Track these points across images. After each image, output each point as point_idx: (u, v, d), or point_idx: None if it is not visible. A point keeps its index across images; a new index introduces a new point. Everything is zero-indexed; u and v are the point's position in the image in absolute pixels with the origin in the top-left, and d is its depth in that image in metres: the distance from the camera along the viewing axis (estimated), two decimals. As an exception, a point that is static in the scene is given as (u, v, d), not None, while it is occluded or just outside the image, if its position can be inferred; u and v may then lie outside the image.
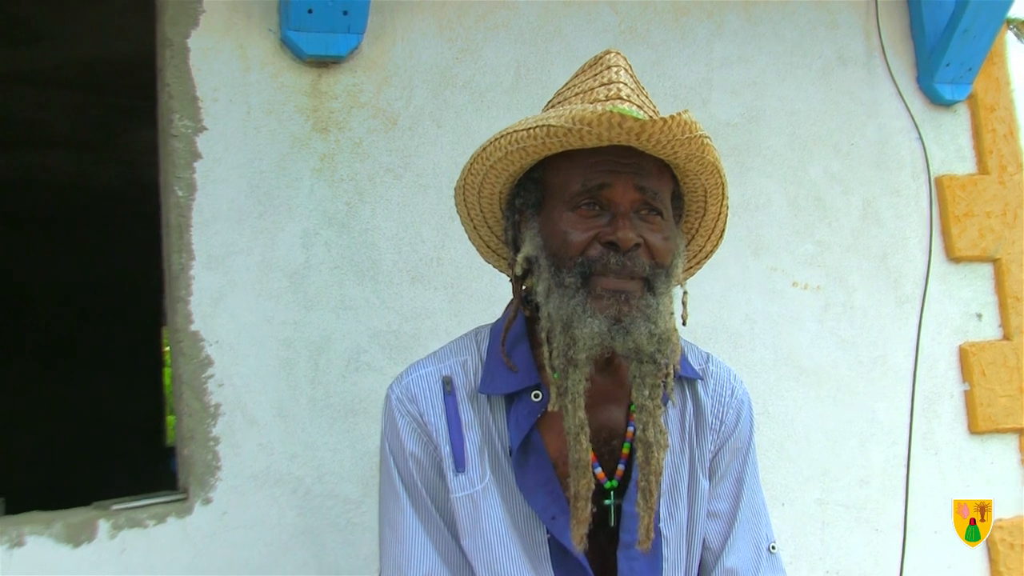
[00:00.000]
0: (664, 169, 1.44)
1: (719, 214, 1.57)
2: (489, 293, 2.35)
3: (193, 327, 2.11)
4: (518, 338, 1.52)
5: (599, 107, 1.30)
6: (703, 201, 1.55)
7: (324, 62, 2.28)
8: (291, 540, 2.13)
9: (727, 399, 1.64)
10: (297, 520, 2.14)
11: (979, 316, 3.04)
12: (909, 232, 2.95)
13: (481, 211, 1.59)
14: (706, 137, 1.36)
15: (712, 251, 1.65)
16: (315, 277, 2.23)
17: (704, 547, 1.62)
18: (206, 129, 2.16)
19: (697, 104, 2.67)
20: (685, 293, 1.53)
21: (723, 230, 1.61)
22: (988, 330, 3.06)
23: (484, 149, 1.46)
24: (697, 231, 1.61)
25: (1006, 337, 3.09)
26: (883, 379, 2.86)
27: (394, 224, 2.32)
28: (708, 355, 1.70)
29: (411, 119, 2.37)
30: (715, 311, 2.64)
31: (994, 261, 3.09)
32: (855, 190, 2.88)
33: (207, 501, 2.08)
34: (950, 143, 3.07)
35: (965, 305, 3.03)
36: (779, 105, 2.80)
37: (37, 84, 4.49)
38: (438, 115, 2.39)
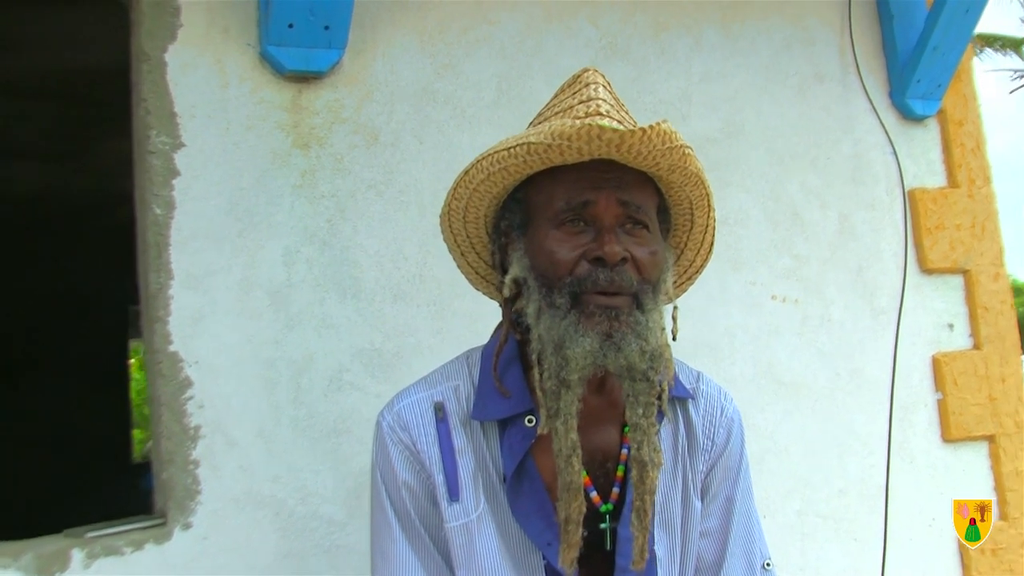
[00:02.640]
0: (648, 182, 1.43)
1: (707, 226, 1.56)
2: (473, 310, 2.32)
3: (172, 348, 2.07)
4: (510, 362, 1.50)
5: (579, 122, 1.29)
6: (690, 214, 1.54)
7: (304, 77, 2.24)
8: (274, 563, 2.09)
9: (717, 418, 1.63)
10: (280, 543, 2.10)
11: (951, 327, 3.09)
12: (884, 245, 2.98)
13: (467, 236, 1.57)
14: (687, 147, 1.35)
15: (702, 265, 1.63)
16: (296, 295, 2.19)
17: (697, 567, 1.61)
18: (184, 145, 2.12)
19: (677, 119, 2.68)
20: (675, 308, 1.51)
21: (712, 243, 1.59)
22: (959, 340, 3.10)
23: (467, 172, 1.44)
24: (686, 245, 1.60)
25: (976, 347, 3.13)
26: (860, 390, 2.88)
27: (376, 241, 2.29)
28: (699, 374, 1.69)
29: (393, 135, 2.34)
30: (696, 325, 2.64)
31: (964, 272, 3.14)
32: (831, 204, 2.90)
33: (187, 526, 2.03)
34: (921, 157, 3.11)
35: (937, 316, 3.07)
36: (757, 120, 2.82)
37: (4, 94, 4.40)
38: (420, 131, 2.37)
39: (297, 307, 2.19)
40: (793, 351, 2.78)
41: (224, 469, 2.08)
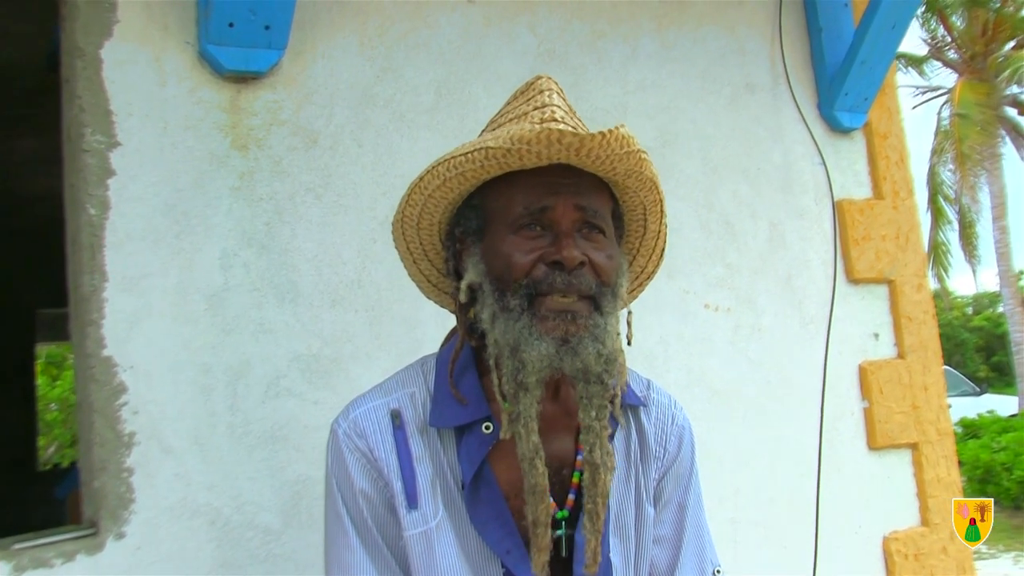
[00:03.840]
0: (603, 187, 1.44)
1: (659, 232, 1.57)
2: (411, 316, 2.31)
3: (106, 352, 2.00)
4: (465, 368, 1.49)
5: (538, 127, 1.29)
6: (643, 219, 1.55)
7: (243, 77, 2.21)
8: (210, 573, 2.03)
9: (669, 426, 1.65)
10: (216, 553, 2.05)
11: (876, 336, 3.17)
12: (812, 254, 3.05)
13: (420, 243, 1.56)
14: (643, 152, 1.37)
15: (654, 271, 1.65)
16: (234, 300, 2.15)
17: (650, 574, 1.62)
18: (120, 144, 2.06)
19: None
20: (630, 313, 1.53)
21: (663, 249, 1.61)
22: (884, 349, 3.19)
23: (421, 179, 1.43)
24: (638, 251, 1.61)
25: (900, 356, 3.22)
26: (790, 399, 2.93)
27: (314, 245, 2.26)
28: (649, 381, 1.70)
29: (332, 138, 2.32)
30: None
31: (889, 282, 3.23)
32: (762, 214, 2.96)
33: (120, 536, 1.97)
34: (848, 169, 3.19)
35: (863, 325, 3.14)
36: (691, 129, 2.86)
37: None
38: (359, 134, 2.35)
39: (234, 311, 2.15)
40: (725, 359, 2.82)
41: (159, 477, 2.02)
